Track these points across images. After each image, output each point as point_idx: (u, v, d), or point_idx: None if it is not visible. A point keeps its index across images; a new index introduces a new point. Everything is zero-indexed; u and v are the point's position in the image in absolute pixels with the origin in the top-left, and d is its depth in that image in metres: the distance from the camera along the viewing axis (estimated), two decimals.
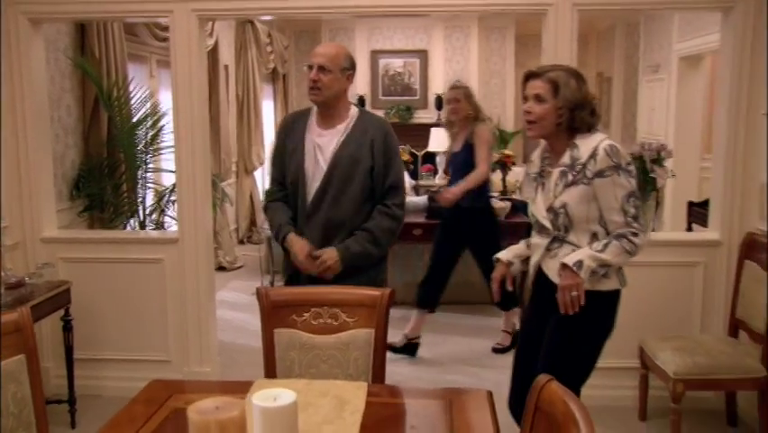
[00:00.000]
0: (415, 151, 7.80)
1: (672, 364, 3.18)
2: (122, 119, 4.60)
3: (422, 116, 9.75)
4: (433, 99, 9.75)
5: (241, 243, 7.85)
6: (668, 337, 3.43)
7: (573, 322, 2.43)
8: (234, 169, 7.68)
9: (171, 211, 4.79)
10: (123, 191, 4.77)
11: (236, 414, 1.36)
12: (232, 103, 7.61)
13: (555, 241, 2.50)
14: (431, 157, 7.63)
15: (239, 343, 4.80)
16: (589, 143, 2.43)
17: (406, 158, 6.67)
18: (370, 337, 2.32)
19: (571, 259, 2.39)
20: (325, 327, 2.35)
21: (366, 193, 2.85)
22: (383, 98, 9.94)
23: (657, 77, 7.58)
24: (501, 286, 2.70)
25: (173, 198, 4.67)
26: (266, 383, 2.09)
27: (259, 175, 8.37)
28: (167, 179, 5.20)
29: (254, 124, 7.93)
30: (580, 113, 2.43)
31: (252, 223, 7.99)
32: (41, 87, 3.87)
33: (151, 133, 4.72)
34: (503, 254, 2.72)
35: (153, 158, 4.84)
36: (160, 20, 4.86)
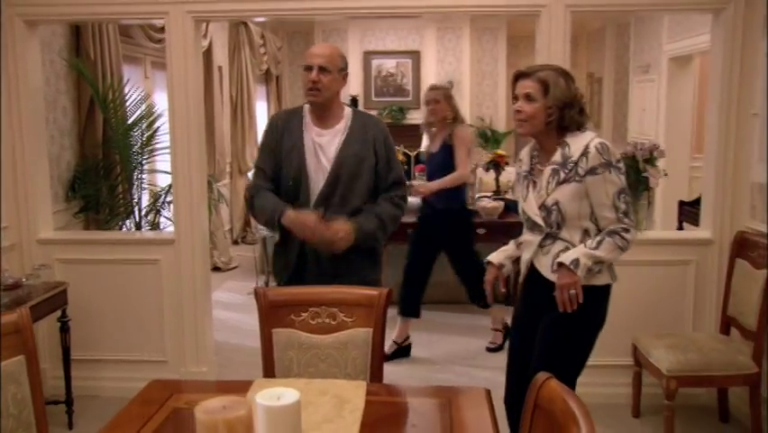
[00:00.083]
0: (407, 151, 7.80)
1: (666, 362, 3.21)
2: (117, 120, 4.59)
3: (414, 117, 9.72)
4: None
5: (235, 243, 7.84)
6: (661, 335, 3.46)
7: (567, 318, 2.47)
8: (228, 169, 7.68)
9: (167, 212, 4.79)
10: (119, 192, 4.76)
11: (243, 413, 1.37)
12: (225, 104, 7.62)
13: (548, 237, 2.53)
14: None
15: (233, 343, 4.80)
16: (580, 142, 2.46)
17: (399, 158, 6.66)
18: (368, 337, 2.33)
19: (567, 258, 2.42)
20: (324, 326, 2.36)
21: (371, 190, 2.90)
22: (376, 99, 9.96)
23: (647, 77, 7.63)
24: (493, 288, 2.74)
25: (169, 199, 4.68)
26: (265, 383, 2.11)
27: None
28: (162, 181, 5.20)
29: (248, 124, 7.94)
30: (569, 111, 2.47)
31: (247, 223, 7.98)
32: (36, 89, 3.87)
33: (147, 134, 4.72)
34: (493, 257, 2.76)
35: (148, 159, 4.84)
36: (154, 21, 4.86)
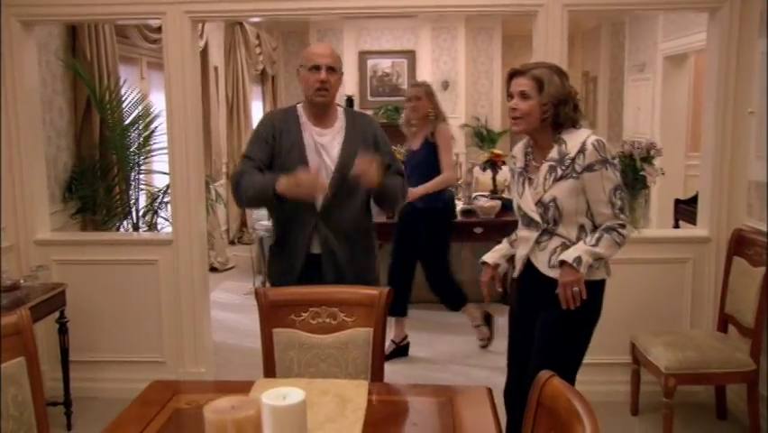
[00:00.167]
0: (402, 150, 7.78)
1: (664, 359, 3.22)
2: (114, 121, 4.58)
3: None
4: None
5: (231, 243, 7.84)
6: (659, 333, 3.47)
7: (566, 314, 2.49)
8: (225, 170, 7.66)
9: (164, 213, 4.78)
10: (116, 193, 4.75)
11: (252, 413, 1.37)
12: (221, 104, 7.61)
13: (545, 234, 2.55)
14: None
15: (231, 343, 4.80)
16: (576, 139, 2.48)
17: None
18: (369, 337, 2.34)
19: (569, 256, 2.45)
20: (324, 326, 2.36)
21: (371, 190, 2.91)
22: (371, 99, 9.95)
23: (643, 76, 7.65)
24: (490, 289, 2.75)
25: (166, 200, 4.67)
26: (267, 383, 2.11)
27: None
28: (159, 181, 5.20)
29: (244, 125, 7.93)
30: (563, 108, 2.49)
31: (243, 224, 7.98)
32: (33, 90, 3.86)
33: (144, 134, 4.71)
34: (488, 257, 2.77)
35: (145, 160, 4.83)
36: (150, 22, 4.85)
